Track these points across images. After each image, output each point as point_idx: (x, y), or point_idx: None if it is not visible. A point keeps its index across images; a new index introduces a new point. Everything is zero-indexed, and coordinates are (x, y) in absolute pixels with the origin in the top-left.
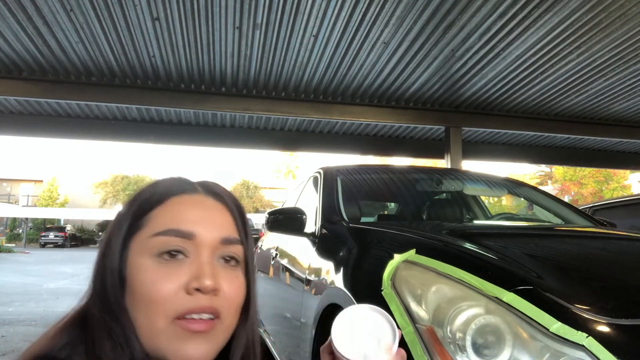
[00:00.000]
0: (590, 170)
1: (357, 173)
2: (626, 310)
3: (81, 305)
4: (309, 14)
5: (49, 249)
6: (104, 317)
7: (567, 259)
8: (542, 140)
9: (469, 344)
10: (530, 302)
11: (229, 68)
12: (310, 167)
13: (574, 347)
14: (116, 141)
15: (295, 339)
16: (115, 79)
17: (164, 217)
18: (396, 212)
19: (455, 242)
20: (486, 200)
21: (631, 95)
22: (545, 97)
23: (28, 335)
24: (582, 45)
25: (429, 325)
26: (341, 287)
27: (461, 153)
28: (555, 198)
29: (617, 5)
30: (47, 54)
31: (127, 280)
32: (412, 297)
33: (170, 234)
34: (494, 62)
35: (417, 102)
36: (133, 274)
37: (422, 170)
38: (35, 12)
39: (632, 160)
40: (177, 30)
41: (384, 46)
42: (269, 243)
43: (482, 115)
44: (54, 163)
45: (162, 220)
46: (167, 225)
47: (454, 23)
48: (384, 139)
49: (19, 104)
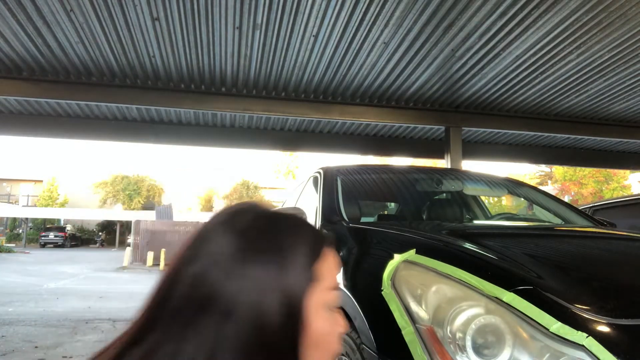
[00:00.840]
0: (590, 170)
1: (357, 173)
2: (626, 310)
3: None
4: (309, 14)
5: (49, 249)
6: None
7: (567, 259)
8: (542, 140)
9: (469, 344)
10: (530, 302)
11: (229, 68)
12: (310, 167)
13: (574, 347)
14: (116, 141)
15: None
16: (115, 79)
17: (330, 271)
18: (396, 212)
19: (455, 242)
20: (486, 200)
21: (631, 95)
22: (545, 97)
23: (28, 335)
24: (582, 45)
25: (429, 325)
26: (341, 287)
27: (461, 153)
28: (555, 198)
29: (617, 5)
30: (47, 54)
31: (306, 324)
32: (412, 297)
33: (339, 289)
34: (494, 62)
35: (417, 102)
36: (312, 320)
37: (422, 170)
38: (35, 12)
39: (632, 160)
40: (177, 30)
41: (384, 46)
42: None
43: (482, 115)
44: (54, 163)
45: (330, 275)
46: (335, 281)
47: (454, 23)
48: (384, 139)
49: (19, 104)
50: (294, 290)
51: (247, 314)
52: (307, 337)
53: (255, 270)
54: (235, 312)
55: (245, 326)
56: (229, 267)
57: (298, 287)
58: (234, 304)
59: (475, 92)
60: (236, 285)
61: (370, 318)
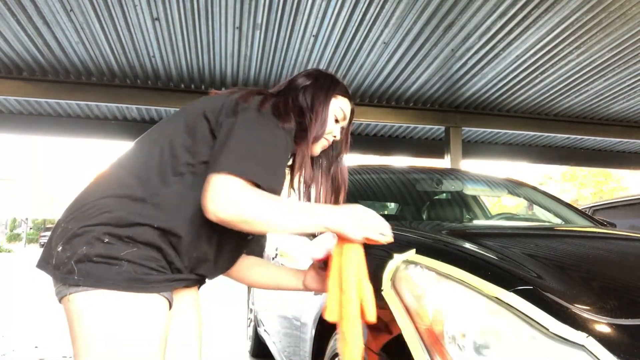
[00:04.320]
0: (590, 170)
1: (357, 173)
2: (626, 310)
3: None
4: (309, 14)
5: None
6: None
7: (567, 259)
8: (542, 140)
9: (469, 344)
10: (530, 302)
11: (229, 68)
12: None
13: (574, 347)
14: (116, 141)
15: (295, 339)
16: (115, 79)
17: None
18: (396, 212)
19: (455, 242)
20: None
21: (631, 95)
22: (545, 97)
23: (28, 335)
24: (582, 45)
25: (429, 325)
26: None
27: (461, 153)
28: (555, 198)
29: (617, 5)
30: (47, 54)
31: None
32: (412, 297)
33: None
34: (494, 62)
35: (417, 102)
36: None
37: (422, 170)
38: (35, 12)
39: (632, 160)
40: (177, 30)
41: (384, 46)
42: (269, 243)
43: (482, 115)
44: (55, 163)
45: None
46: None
47: (454, 23)
48: (384, 139)
49: (19, 104)
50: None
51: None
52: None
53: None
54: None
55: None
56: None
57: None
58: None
59: (475, 92)
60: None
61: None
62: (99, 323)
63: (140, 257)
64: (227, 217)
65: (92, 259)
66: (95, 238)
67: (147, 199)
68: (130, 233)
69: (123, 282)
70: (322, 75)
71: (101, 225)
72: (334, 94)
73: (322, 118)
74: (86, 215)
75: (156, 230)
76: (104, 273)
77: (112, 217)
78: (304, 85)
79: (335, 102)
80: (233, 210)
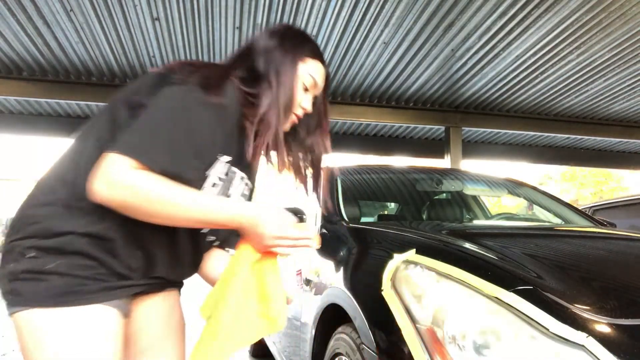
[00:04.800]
0: (590, 170)
1: (357, 173)
2: (626, 310)
3: None
4: (309, 14)
5: None
6: None
7: (567, 259)
8: (542, 140)
9: (469, 344)
10: (530, 302)
11: None
12: None
13: (574, 347)
14: None
15: (295, 339)
16: (115, 79)
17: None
18: (396, 212)
19: (455, 242)
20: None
21: (631, 95)
22: (545, 97)
23: None
24: (582, 45)
25: (429, 325)
26: (341, 287)
27: (461, 153)
28: (555, 198)
29: (617, 5)
30: (47, 54)
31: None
32: (412, 297)
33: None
34: (494, 62)
35: (417, 102)
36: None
37: (422, 170)
38: (35, 12)
39: (632, 160)
40: (177, 30)
41: (384, 46)
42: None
43: (482, 115)
44: None
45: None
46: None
47: (454, 23)
48: (384, 139)
49: (19, 104)
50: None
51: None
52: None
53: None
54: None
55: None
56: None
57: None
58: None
59: (475, 92)
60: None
61: (370, 318)
62: (37, 345)
63: (70, 268)
64: (107, 199)
65: (18, 277)
66: (20, 253)
67: (72, 204)
68: (55, 244)
69: (54, 297)
70: (289, 34)
71: (26, 239)
72: (302, 58)
73: (288, 87)
74: (15, 228)
75: (83, 237)
76: (33, 290)
77: (38, 229)
78: (266, 47)
79: (303, 67)
80: (113, 192)
